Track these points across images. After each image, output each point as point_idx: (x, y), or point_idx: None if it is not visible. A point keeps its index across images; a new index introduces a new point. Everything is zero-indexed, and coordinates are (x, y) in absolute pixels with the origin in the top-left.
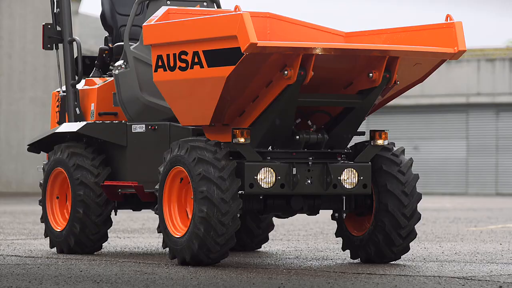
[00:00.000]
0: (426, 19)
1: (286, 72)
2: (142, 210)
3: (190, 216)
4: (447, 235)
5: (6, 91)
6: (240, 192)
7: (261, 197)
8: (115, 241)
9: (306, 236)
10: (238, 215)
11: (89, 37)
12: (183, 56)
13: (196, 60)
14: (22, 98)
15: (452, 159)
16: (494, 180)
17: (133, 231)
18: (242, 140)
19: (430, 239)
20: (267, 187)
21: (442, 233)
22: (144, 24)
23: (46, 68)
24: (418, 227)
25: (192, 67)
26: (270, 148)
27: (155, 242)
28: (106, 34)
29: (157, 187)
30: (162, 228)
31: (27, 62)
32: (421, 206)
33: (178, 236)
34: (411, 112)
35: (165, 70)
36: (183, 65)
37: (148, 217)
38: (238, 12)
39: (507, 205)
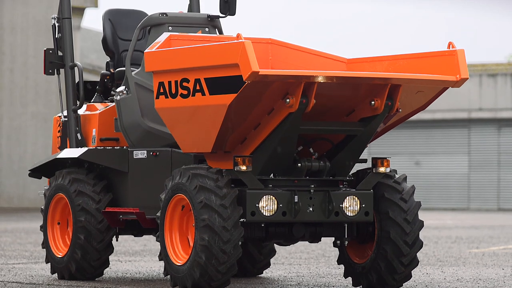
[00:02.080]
0: (428, 26)
1: (288, 100)
2: None
3: (191, 244)
4: (449, 258)
5: (8, 106)
6: (241, 220)
7: (262, 225)
8: (116, 265)
9: (307, 260)
10: (240, 243)
11: (91, 51)
12: (184, 84)
13: (197, 87)
14: (24, 113)
15: (454, 174)
16: (496, 195)
17: (134, 253)
18: (243, 167)
19: (432, 262)
20: (268, 215)
21: (443, 256)
22: (146, 50)
23: (47, 83)
24: None
25: (193, 95)
26: (271, 175)
27: (156, 266)
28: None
29: (158, 214)
30: (163, 255)
31: (28, 77)
32: None
33: (179, 264)
34: (412, 127)
35: (166, 97)
36: (185, 92)
37: (149, 237)
38: (240, 40)
39: (508, 222)
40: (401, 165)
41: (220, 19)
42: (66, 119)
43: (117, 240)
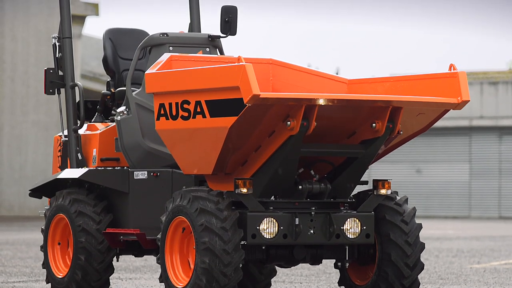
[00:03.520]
0: (428, 38)
1: (288, 122)
2: None
3: (192, 267)
4: (450, 275)
5: (9, 114)
6: (242, 242)
7: (263, 248)
8: (117, 283)
9: (308, 277)
10: (240, 265)
11: (92, 58)
12: (185, 106)
13: (198, 109)
14: (25, 122)
15: (455, 182)
16: (497, 203)
17: (135, 269)
18: (244, 190)
19: (433, 280)
20: (269, 237)
21: (444, 272)
22: (147, 72)
23: None
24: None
25: (194, 117)
26: (272, 198)
27: (157, 285)
28: None
29: (159, 236)
30: (164, 278)
31: (29, 85)
32: (423, 233)
33: (180, 287)
34: None
35: (167, 118)
36: (186, 114)
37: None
38: (241, 63)
39: (509, 232)
40: (402, 173)
41: (221, 39)
42: (67, 138)
43: (117, 260)
